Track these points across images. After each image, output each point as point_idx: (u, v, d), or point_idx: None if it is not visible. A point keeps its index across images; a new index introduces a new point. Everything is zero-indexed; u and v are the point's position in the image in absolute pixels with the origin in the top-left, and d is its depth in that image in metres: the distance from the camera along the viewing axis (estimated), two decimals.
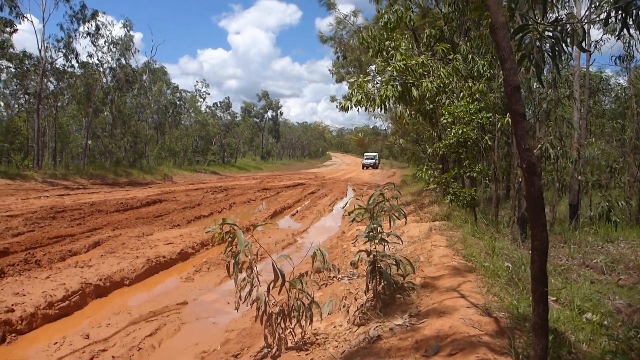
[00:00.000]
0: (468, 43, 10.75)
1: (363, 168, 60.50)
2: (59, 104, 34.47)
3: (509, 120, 7.48)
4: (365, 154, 63.11)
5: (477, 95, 10.11)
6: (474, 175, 10.68)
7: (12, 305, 5.94)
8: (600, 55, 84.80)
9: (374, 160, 61.34)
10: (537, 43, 2.74)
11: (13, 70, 31.56)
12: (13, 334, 5.56)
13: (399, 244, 6.27)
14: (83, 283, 7.03)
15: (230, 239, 3.98)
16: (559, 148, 11.68)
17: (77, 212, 14.26)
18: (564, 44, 2.98)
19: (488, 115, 10.00)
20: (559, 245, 9.11)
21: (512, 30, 2.93)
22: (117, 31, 43.80)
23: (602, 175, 14.59)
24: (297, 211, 17.72)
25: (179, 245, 10.02)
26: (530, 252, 2.68)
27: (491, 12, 2.36)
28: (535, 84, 13.04)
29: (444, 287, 4.70)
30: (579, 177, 11.88)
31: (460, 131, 10.02)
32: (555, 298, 4.67)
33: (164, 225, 12.62)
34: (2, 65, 30.48)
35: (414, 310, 4.26)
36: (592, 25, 11.87)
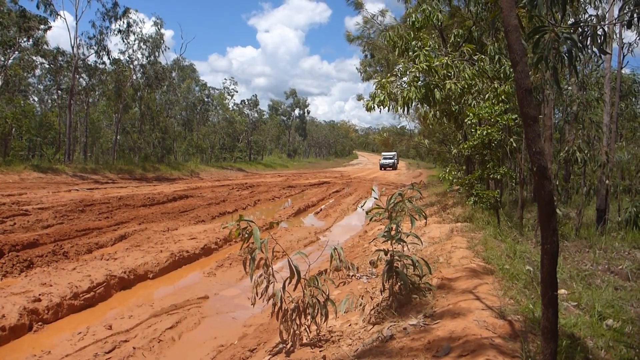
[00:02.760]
0: (496, 44, 10.60)
1: (381, 168, 57.01)
2: (90, 100, 35.35)
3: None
4: (383, 153, 59.19)
5: (503, 97, 9.98)
6: (498, 177, 10.56)
7: (40, 295, 6.14)
8: (633, 57, 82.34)
9: (392, 160, 57.83)
10: (555, 45, 2.72)
11: (47, 66, 32.52)
12: (39, 323, 5.74)
13: (418, 244, 6.25)
14: (108, 275, 7.20)
15: (247, 236, 4.04)
16: (587, 152, 11.45)
17: (105, 205, 14.59)
18: (583, 47, 2.95)
19: (513, 117, 9.87)
20: (584, 250, 8.92)
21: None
22: (148, 29, 44.80)
23: (632, 180, 14.21)
24: (321, 209, 17.75)
25: (203, 241, 10.15)
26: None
27: (503, 14, 2.36)
28: (566, 85, 12.79)
29: (460, 289, 4.69)
30: (607, 182, 11.60)
31: (485, 132, 9.92)
32: (575, 303, 4.61)
33: (188, 221, 12.82)
34: (37, 61, 31.40)
35: (428, 310, 4.26)
36: (624, 27, 11.59)
